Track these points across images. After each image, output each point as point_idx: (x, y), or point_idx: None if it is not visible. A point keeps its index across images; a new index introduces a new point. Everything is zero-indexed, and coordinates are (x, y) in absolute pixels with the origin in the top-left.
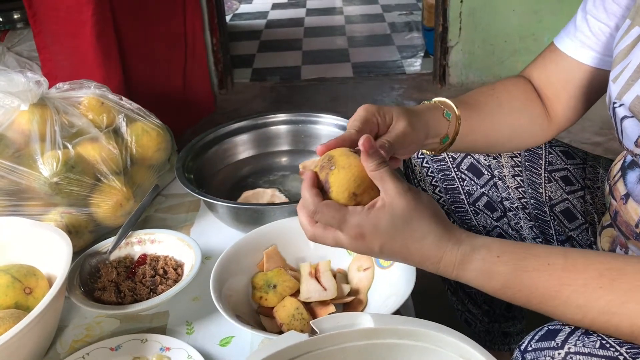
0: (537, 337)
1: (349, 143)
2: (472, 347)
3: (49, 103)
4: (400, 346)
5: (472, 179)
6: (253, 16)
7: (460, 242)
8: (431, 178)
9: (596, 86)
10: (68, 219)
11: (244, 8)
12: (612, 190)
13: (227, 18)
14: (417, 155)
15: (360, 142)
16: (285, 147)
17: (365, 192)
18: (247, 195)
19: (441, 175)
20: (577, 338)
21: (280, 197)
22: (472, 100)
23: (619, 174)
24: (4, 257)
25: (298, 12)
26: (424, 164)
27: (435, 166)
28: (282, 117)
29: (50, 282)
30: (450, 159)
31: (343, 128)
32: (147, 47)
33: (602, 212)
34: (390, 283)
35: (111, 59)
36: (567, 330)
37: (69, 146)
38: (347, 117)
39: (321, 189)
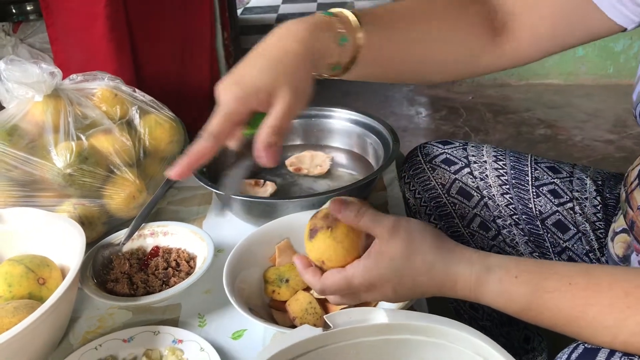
0: (573, 356)
1: (203, 153)
2: (488, 345)
3: (62, 94)
4: (414, 342)
5: (463, 202)
6: (264, 10)
7: (472, 263)
8: (425, 207)
9: (584, 25)
10: (81, 210)
11: (254, 2)
12: (629, 198)
13: (238, 12)
14: (409, 188)
15: (330, 206)
16: (297, 142)
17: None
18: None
19: (433, 204)
20: (619, 359)
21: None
22: (385, 12)
23: (637, 181)
24: (17, 247)
25: (309, 7)
26: (417, 195)
27: (426, 195)
28: None
29: (63, 273)
30: (440, 186)
31: (357, 123)
32: (158, 40)
33: (592, 222)
34: None
35: (123, 52)
36: (607, 350)
37: (83, 137)
38: (361, 112)
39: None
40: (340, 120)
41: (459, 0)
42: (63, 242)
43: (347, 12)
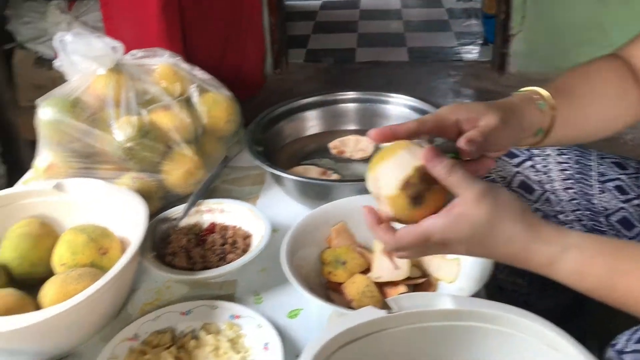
0: (635, 337)
1: (405, 132)
2: (560, 336)
3: (123, 69)
4: (480, 330)
5: (524, 196)
6: None
7: (549, 242)
8: None
9: None
10: (139, 184)
11: None
12: None
13: None
14: None
15: (424, 154)
16: (352, 126)
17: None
18: (298, 170)
19: None
20: None
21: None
22: (565, 86)
23: None
24: (78, 217)
25: None
26: None
27: None
28: (351, 95)
29: (122, 245)
30: (500, 179)
31: (414, 109)
32: (207, 22)
33: None
34: (462, 268)
35: (174, 32)
36: None
37: (144, 112)
38: (419, 98)
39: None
40: (397, 106)
41: (614, 67)
42: (122, 214)
43: (535, 87)
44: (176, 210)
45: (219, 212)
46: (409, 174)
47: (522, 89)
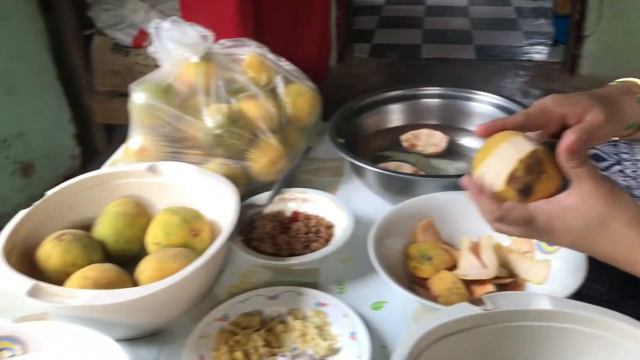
0: None
1: (512, 126)
2: None
3: (212, 58)
4: (578, 333)
5: None
6: None
7: None
8: None
9: None
10: (226, 170)
11: None
12: None
13: None
14: None
15: (568, 137)
16: (434, 121)
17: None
18: (389, 166)
19: None
20: None
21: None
22: None
23: None
24: (169, 199)
25: None
26: None
27: None
28: (435, 90)
29: (211, 228)
30: None
31: (500, 108)
32: (278, 13)
33: None
34: (552, 271)
35: (247, 23)
36: None
37: (233, 101)
38: (505, 97)
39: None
40: (482, 104)
41: None
42: (211, 198)
43: (634, 79)
44: (261, 198)
45: (302, 201)
46: (514, 167)
47: (620, 80)
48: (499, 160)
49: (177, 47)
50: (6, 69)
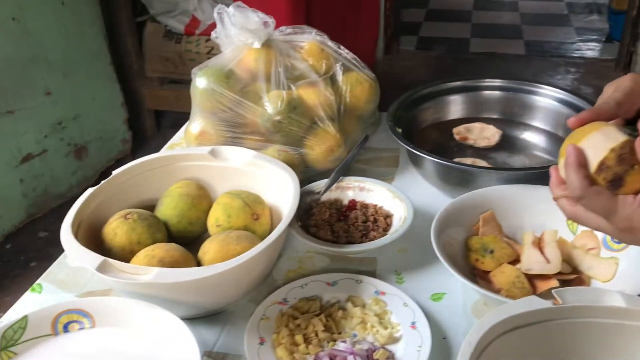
0: None
1: (605, 116)
2: None
3: (273, 45)
4: None
5: None
6: None
7: None
8: None
9: None
10: (283, 157)
11: None
12: None
13: None
14: None
15: None
16: (494, 115)
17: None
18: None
19: None
20: None
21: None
22: None
23: None
24: (229, 182)
25: None
26: None
27: None
28: (496, 82)
29: (271, 212)
30: None
31: (564, 102)
32: (327, 4)
33: None
34: (619, 269)
35: (299, 11)
36: None
37: (293, 88)
38: (571, 92)
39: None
40: (545, 98)
41: None
42: (271, 183)
43: None
44: (318, 185)
45: (359, 190)
46: (605, 155)
47: None
48: (589, 148)
49: (239, 33)
50: (64, 53)
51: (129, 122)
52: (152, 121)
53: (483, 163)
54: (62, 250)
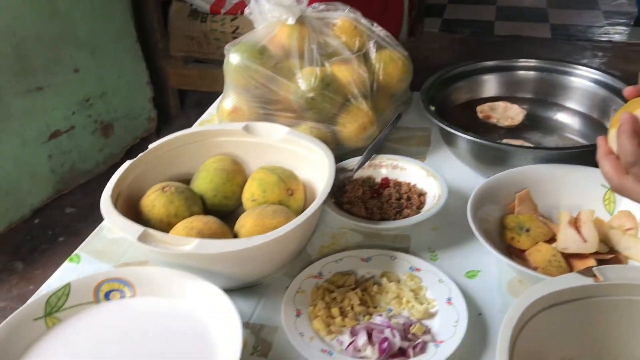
0: None
1: None
2: None
3: (306, 21)
4: None
5: None
6: None
7: None
8: None
9: None
10: (316, 134)
11: None
12: None
13: None
14: None
15: None
16: (527, 95)
17: None
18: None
19: None
20: None
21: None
22: None
23: None
24: (263, 158)
25: None
26: None
27: None
28: (531, 62)
29: (305, 188)
30: None
31: (600, 83)
32: None
33: None
34: None
35: None
36: None
37: (327, 64)
38: (608, 73)
39: None
40: (580, 79)
41: None
42: (304, 160)
43: None
44: (351, 162)
45: (392, 167)
46: None
47: None
48: None
49: (273, 9)
50: (91, 31)
51: (154, 101)
52: (176, 100)
53: (517, 143)
54: (89, 226)
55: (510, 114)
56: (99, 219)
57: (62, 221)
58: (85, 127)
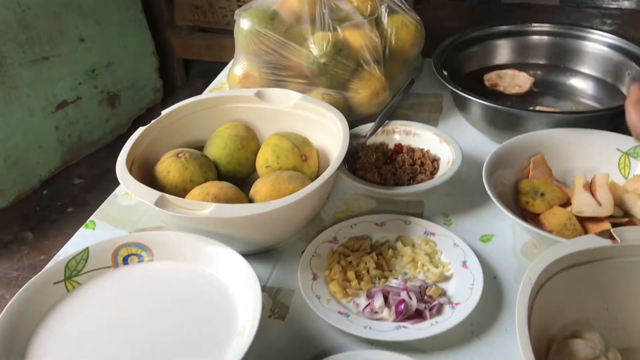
0: None
1: None
2: None
3: None
4: None
5: None
6: None
7: None
8: None
9: None
10: (328, 100)
11: None
12: None
13: None
14: None
15: None
16: (540, 60)
17: None
18: None
19: None
20: None
21: None
22: None
23: None
24: (275, 124)
25: None
26: None
27: None
28: (545, 27)
29: (318, 154)
30: None
31: (615, 48)
32: None
33: None
34: None
35: None
36: None
37: (338, 29)
38: (622, 36)
39: None
40: (595, 43)
41: None
42: (317, 126)
43: None
44: (363, 128)
45: (405, 134)
46: None
47: None
48: None
49: None
50: (96, 0)
51: (159, 71)
52: (181, 70)
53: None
54: (98, 197)
55: (518, 81)
56: (107, 189)
57: (71, 192)
58: (92, 97)
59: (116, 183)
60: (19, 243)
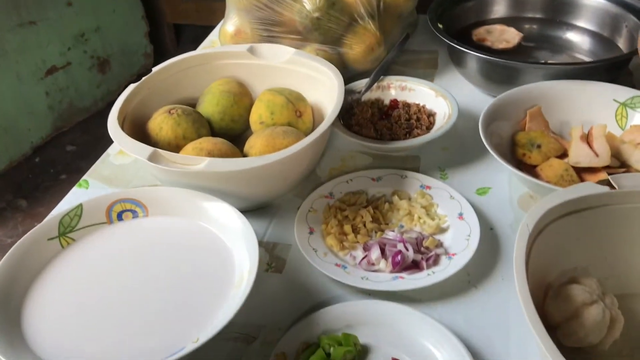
0: None
1: None
2: None
3: None
4: None
5: None
6: None
7: None
8: None
9: None
10: (322, 56)
11: None
12: None
13: None
14: None
15: None
16: (537, 14)
17: None
18: None
19: None
20: None
21: None
22: None
23: None
24: (269, 80)
25: None
26: None
27: None
28: None
29: (313, 110)
30: None
31: (616, 1)
32: None
33: None
34: None
35: None
36: None
37: None
38: None
39: None
40: None
41: None
42: (311, 81)
43: None
44: (358, 84)
45: (400, 89)
46: None
47: None
48: None
49: None
50: None
51: (150, 36)
52: (172, 35)
53: None
54: (90, 163)
55: (506, 37)
56: (100, 155)
57: (63, 159)
58: (82, 63)
59: None
60: (13, 210)
